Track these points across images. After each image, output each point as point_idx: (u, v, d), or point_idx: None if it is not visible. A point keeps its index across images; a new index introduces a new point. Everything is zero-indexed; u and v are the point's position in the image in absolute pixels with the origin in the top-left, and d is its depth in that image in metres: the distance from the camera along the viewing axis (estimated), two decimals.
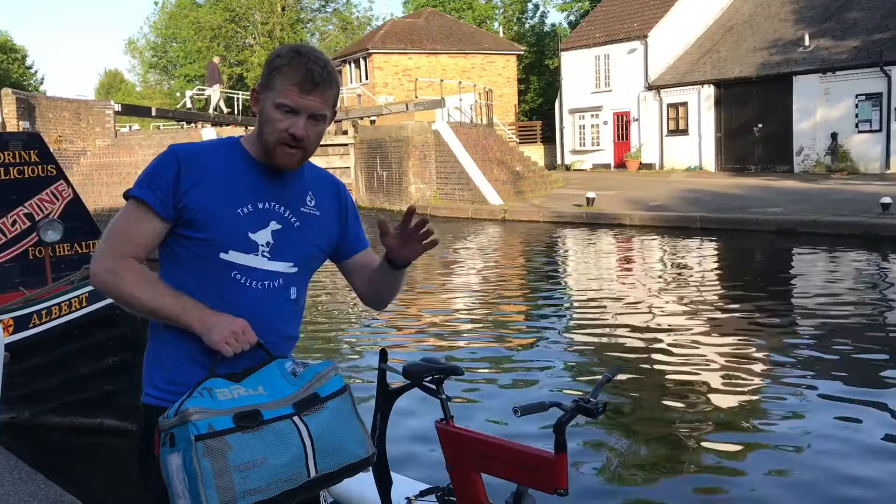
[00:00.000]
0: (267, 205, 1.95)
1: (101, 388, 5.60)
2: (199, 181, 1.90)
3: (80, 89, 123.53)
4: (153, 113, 28.89)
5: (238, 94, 31.46)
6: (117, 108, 24.60)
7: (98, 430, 5.71)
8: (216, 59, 31.64)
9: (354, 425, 1.87)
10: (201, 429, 1.67)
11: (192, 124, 25.75)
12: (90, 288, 5.28)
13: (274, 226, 1.95)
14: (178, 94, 50.58)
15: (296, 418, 1.77)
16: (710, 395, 6.12)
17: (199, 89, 32.97)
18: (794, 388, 6.17)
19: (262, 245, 1.93)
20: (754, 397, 6.13)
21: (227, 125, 25.61)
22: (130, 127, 35.26)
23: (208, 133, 21.87)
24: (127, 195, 1.93)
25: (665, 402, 6.05)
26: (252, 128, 2.13)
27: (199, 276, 1.91)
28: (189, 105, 30.87)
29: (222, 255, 1.90)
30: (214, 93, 27.77)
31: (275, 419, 1.75)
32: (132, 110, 31.07)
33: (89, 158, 21.78)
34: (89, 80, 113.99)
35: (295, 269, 1.99)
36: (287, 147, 1.91)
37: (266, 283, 1.94)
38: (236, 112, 28.39)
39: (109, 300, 5.12)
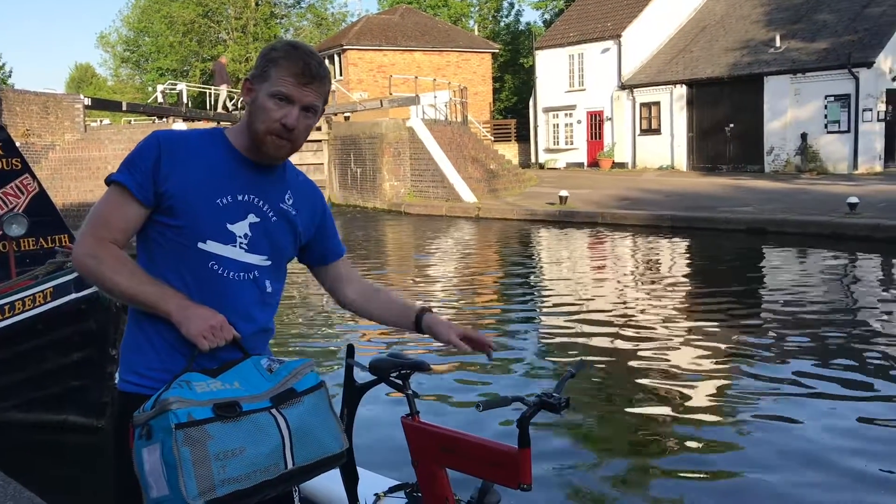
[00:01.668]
0: (246, 197, 1.95)
1: (67, 384, 5.53)
2: (179, 168, 1.90)
3: (50, 83, 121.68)
4: (124, 107, 28.52)
5: (210, 89, 31.12)
6: (87, 102, 24.28)
7: (62, 426, 5.63)
8: (223, 60, 31.41)
9: (330, 420, 1.88)
10: (181, 417, 1.66)
11: (164, 119, 25.51)
12: (55, 283, 5.21)
13: (252, 218, 1.96)
14: (150, 89, 49.93)
15: (274, 411, 1.78)
16: (680, 392, 6.16)
17: (171, 84, 32.60)
18: (766, 383, 6.22)
19: (241, 237, 1.94)
20: (726, 393, 6.18)
21: (199, 120, 25.38)
22: (101, 121, 34.79)
23: (179, 128, 21.66)
24: (108, 180, 1.92)
25: (634, 398, 6.08)
26: (225, 123, 2.13)
27: (177, 264, 1.91)
28: (161, 100, 30.52)
29: (200, 245, 1.90)
30: (222, 92, 27.75)
31: (253, 411, 1.75)
32: (103, 104, 30.69)
33: (58, 153, 21.45)
34: (60, 75, 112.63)
35: (269, 263, 2.00)
36: (277, 137, 1.91)
37: (242, 274, 1.95)
38: (208, 108, 28.19)
39: (74, 295, 5.13)
